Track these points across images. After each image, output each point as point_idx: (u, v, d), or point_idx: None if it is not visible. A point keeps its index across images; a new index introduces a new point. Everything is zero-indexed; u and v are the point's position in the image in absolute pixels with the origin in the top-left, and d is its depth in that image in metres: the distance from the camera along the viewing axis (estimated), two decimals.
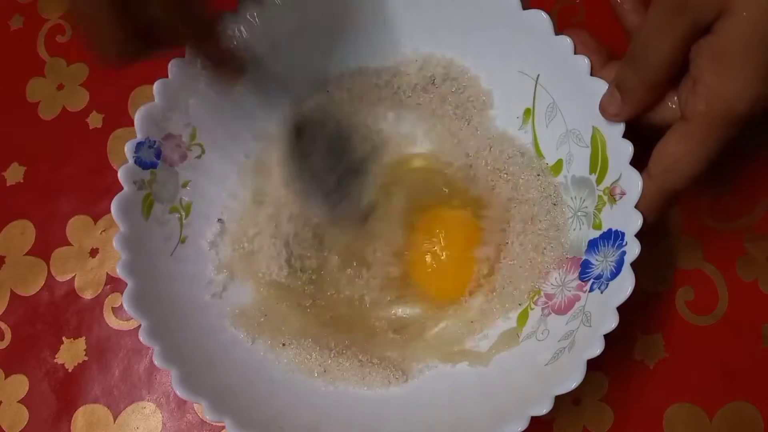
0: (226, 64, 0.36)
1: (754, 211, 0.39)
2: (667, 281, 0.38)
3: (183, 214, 0.38)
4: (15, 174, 0.46)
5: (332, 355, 0.38)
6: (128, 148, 0.36)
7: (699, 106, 0.29)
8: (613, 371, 0.37)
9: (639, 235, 0.31)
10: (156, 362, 0.33)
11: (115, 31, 0.28)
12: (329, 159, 0.40)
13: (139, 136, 0.36)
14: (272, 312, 0.39)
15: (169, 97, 0.37)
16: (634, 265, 0.31)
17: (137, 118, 0.36)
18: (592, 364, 0.30)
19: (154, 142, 0.37)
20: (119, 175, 0.35)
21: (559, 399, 0.30)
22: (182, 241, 0.38)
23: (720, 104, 0.28)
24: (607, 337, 0.30)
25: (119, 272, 0.34)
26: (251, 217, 0.40)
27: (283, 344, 0.38)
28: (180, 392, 0.32)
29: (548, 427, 0.37)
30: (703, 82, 0.28)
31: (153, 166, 0.37)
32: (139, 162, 0.36)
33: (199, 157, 0.39)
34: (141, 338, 0.33)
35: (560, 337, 0.33)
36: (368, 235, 0.40)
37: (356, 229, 0.40)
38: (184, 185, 0.39)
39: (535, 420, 0.30)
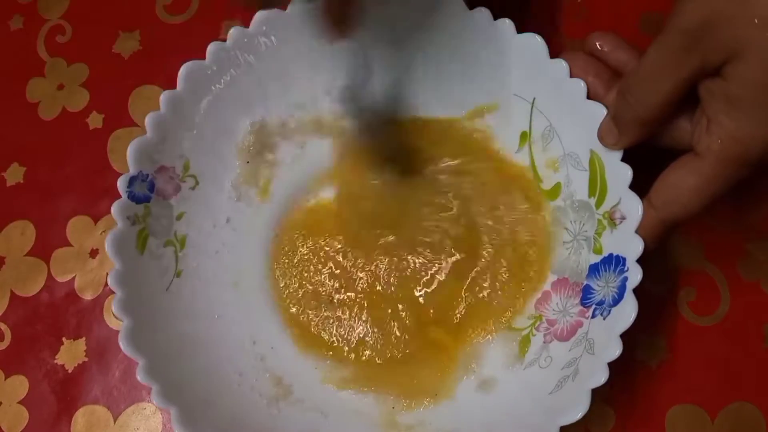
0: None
1: (756, 211, 0.38)
2: (669, 282, 0.38)
3: (178, 247, 0.38)
4: (15, 174, 0.46)
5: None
6: (121, 183, 0.36)
7: (713, 144, 0.28)
8: (614, 372, 0.37)
9: (640, 259, 0.31)
10: (155, 401, 0.32)
11: None
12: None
13: (132, 171, 0.36)
14: None
15: (162, 129, 0.37)
16: (636, 290, 0.30)
17: (129, 152, 0.36)
18: None
19: (147, 175, 0.37)
20: (112, 211, 0.35)
21: None
22: (178, 274, 0.38)
23: (735, 146, 0.28)
24: None
25: (114, 311, 0.34)
26: None
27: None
28: (179, 431, 0.32)
29: None
30: (718, 123, 0.28)
31: (146, 200, 0.37)
32: (132, 197, 0.36)
33: (193, 188, 0.39)
34: (138, 377, 0.33)
35: (564, 365, 0.33)
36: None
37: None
38: (179, 218, 0.38)
39: None
